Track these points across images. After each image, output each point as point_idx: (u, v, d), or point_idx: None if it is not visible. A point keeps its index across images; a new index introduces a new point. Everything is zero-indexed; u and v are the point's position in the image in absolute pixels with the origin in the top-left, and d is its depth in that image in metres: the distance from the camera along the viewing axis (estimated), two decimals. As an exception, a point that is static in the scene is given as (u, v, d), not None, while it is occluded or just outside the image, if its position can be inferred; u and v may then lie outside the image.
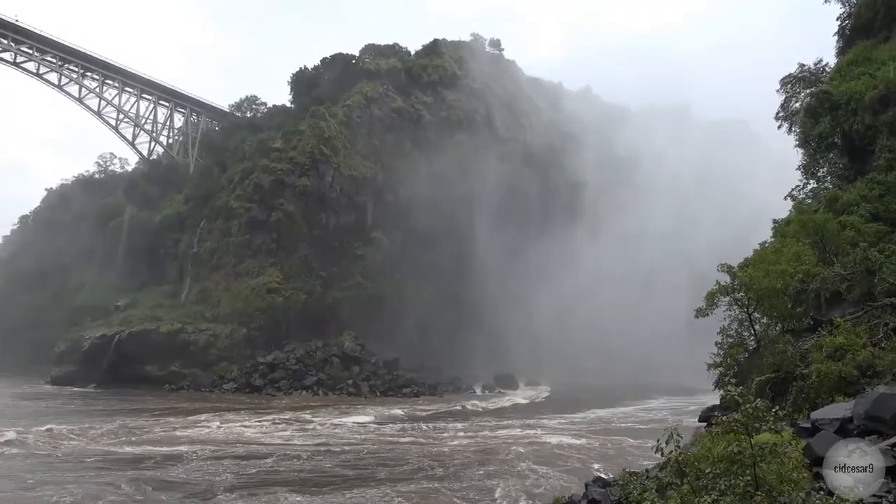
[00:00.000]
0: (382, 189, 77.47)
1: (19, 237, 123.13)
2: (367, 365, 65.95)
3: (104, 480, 21.64)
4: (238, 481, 22.24)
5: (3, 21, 77.26)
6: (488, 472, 24.80)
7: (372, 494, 21.37)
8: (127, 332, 65.39)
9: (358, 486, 22.36)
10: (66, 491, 19.98)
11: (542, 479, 23.45)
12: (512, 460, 27.29)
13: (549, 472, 24.68)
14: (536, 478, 23.67)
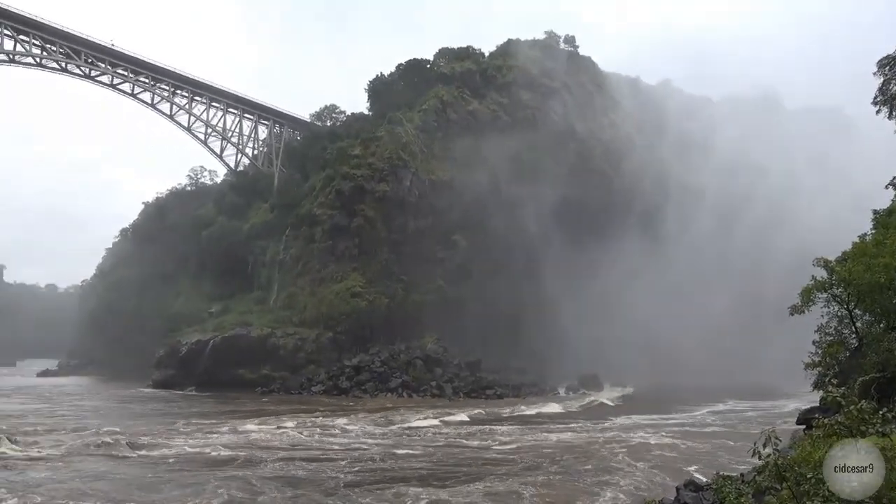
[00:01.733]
0: (460, 192, 77.71)
1: (120, 249, 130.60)
2: (450, 367, 66.36)
3: (231, 478, 22.31)
4: (356, 478, 22.68)
5: (100, 46, 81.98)
6: (591, 470, 24.86)
7: (497, 487, 21.76)
8: (220, 336, 68.23)
9: (477, 481, 22.66)
10: (202, 489, 20.61)
11: (637, 479, 23.15)
12: (607, 459, 27.10)
13: (642, 472, 24.35)
14: (633, 477, 23.34)
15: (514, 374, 66.64)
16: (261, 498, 19.86)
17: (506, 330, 71.21)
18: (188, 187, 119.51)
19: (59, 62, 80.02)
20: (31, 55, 77.56)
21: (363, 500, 20.16)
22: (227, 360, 65.69)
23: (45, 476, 21.95)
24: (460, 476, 23.72)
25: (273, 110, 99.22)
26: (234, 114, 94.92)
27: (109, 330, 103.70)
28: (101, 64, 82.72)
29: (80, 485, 20.84)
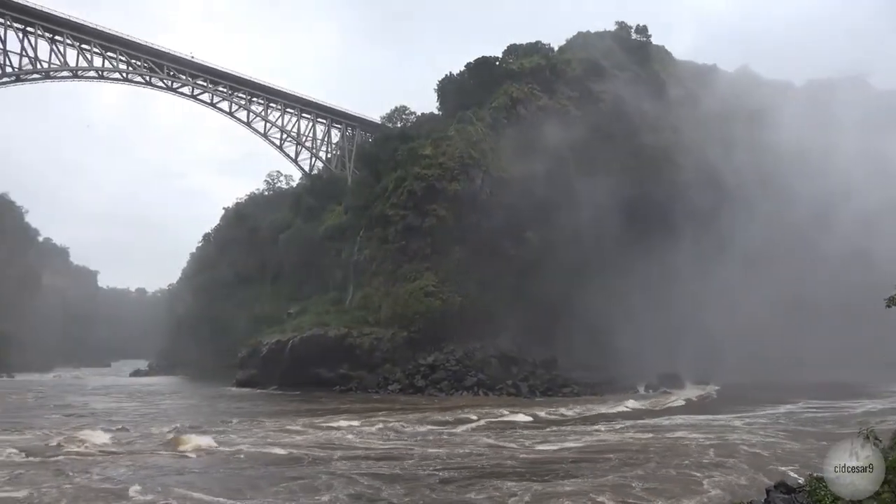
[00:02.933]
0: (531, 188, 76.86)
1: (203, 253, 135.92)
2: (526, 365, 65.82)
3: (334, 474, 22.53)
4: (449, 475, 22.59)
5: (181, 59, 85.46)
6: (686, 467, 24.40)
7: (600, 481, 21.63)
8: (299, 337, 69.85)
9: (575, 477, 22.45)
10: (313, 486, 20.92)
11: (730, 477, 22.40)
12: (697, 457, 26.33)
13: (733, 470, 23.53)
14: (726, 475, 22.59)
15: (590, 373, 65.41)
16: (384, 493, 19.96)
17: (579, 327, 70.01)
18: (266, 192, 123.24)
19: (144, 76, 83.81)
20: (118, 70, 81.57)
21: (467, 495, 20.12)
22: (306, 359, 67.19)
23: (145, 472, 22.62)
24: (557, 472, 23.47)
25: (345, 114, 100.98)
26: (308, 118, 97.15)
27: (195, 331, 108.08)
28: (181, 76, 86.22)
29: (182, 480, 21.36)
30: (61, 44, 75.58)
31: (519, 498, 19.81)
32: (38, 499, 18.46)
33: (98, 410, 46.09)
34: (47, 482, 20.22)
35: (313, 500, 19.27)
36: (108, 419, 39.12)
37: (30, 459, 24.13)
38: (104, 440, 28.84)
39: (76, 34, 76.64)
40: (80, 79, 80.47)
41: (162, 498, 18.80)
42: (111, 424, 35.40)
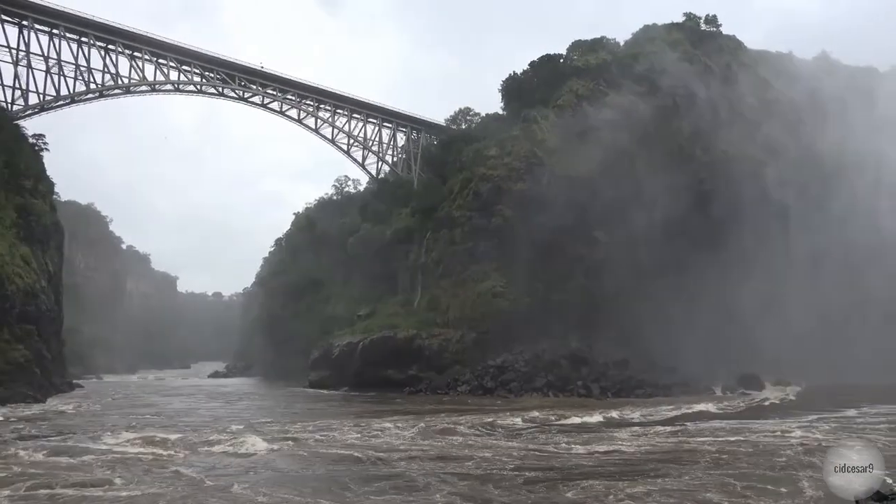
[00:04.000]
0: (599, 187, 75.58)
1: (276, 258, 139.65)
2: (596, 366, 64.80)
3: (427, 473, 22.64)
4: (533, 475, 22.41)
5: (252, 69, 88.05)
6: (776, 467, 23.71)
7: (691, 482, 21.27)
8: (369, 339, 70.77)
9: (667, 476, 22.07)
10: (412, 485, 21.00)
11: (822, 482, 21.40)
12: (786, 459, 25.40)
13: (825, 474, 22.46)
14: (818, 479, 21.57)
15: (664, 374, 63.80)
16: (481, 493, 19.98)
17: (650, 327, 68.32)
18: (334, 197, 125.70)
19: (217, 87, 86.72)
20: (192, 83, 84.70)
21: (563, 494, 19.92)
22: (376, 361, 68.02)
23: (238, 471, 23.13)
24: (646, 472, 22.99)
25: (410, 117, 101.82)
26: (374, 123, 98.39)
27: (269, 334, 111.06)
28: (252, 86, 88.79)
29: (276, 479, 21.75)
30: (140, 59, 79.02)
31: (614, 496, 19.53)
32: (149, 497, 19.01)
33: (181, 410, 47.83)
34: (156, 481, 20.77)
35: (422, 499, 19.31)
36: (192, 419, 40.50)
37: (126, 458, 25.08)
38: (192, 439, 29.83)
39: (154, 50, 79.97)
40: (158, 92, 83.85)
41: (265, 496, 19.16)
42: (197, 424, 36.65)
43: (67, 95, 73.64)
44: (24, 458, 24.37)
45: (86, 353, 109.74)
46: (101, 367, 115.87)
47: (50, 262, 68.62)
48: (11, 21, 71.28)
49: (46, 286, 65.01)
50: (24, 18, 71.37)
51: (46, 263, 67.20)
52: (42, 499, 18.58)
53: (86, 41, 75.02)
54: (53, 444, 27.76)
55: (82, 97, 75.38)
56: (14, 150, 65.37)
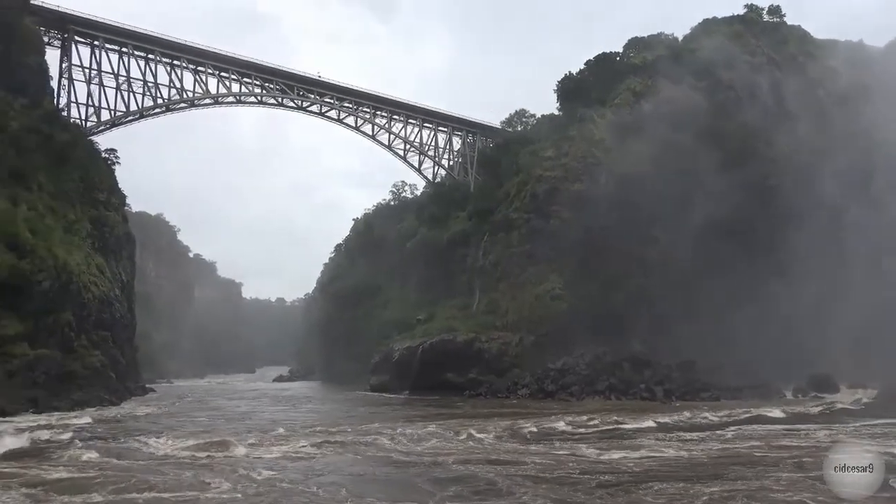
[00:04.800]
0: (657, 185, 74.21)
1: (335, 263, 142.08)
2: (660, 368, 63.54)
3: (504, 475, 22.50)
4: (608, 478, 22.17)
5: (310, 79, 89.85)
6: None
7: (766, 485, 20.83)
8: (428, 342, 71.11)
9: (747, 479, 21.68)
10: (495, 488, 20.91)
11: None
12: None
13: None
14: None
15: (731, 376, 61.92)
16: (561, 497, 19.76)
17: (715, 328, 66.63)
18: (392, 202, 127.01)
19: (276, 98, 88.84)
20: (253, 94, 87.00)
21: (642, 497, 19.69)
22: (436, 364, 68.26)
23: (314, 473, 23.31)
24: (723, 475, 22.42)
25: (465, 120, 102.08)
26: (429, 127, 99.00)
27: (330, 338, 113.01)
28: (311, 95, 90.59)
29: (352, 482, 21.86)
30: (203, 73, 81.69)
31: (696, 498, 19.20)
32: (233, 500, 19.47)
33: (247, 413, 48.97)
34: (232, 484, 21.06)
35: (514, 503, 19.35)
36: (259, 422, 41.41)
37: (199, 461, 25.80)
38: (259, 442, 30.48)
39: (217, 63, 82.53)
40: (221, 104, 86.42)
41: (351, 499, 19.38)
42: (263, 427, 37.48)
43: (137, 111, 76.66)
44: (105, 461, 25.18)
45: (156, 358, 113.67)
46: (170, 372, 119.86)
47: (123, 271, 71.54)
48: (84, 42, 74.71)
49: (120, 294, 67.77)
50: (95, 39, 74.73)
51: (119, 272, 70.10)
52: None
53: (153, 58, 78.01)
54: (132, 447, 28.73)
55: (150, 112, 78.32)
56: (88, 164, 68.54)
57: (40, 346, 49.47)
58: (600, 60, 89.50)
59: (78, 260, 58.39)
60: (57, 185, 61.66)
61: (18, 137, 58.15)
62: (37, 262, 50.81)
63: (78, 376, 52.75)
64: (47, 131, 62.74)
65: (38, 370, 47.93)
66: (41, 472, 22.36)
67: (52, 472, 22.43)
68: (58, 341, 52.15)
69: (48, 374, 48.62)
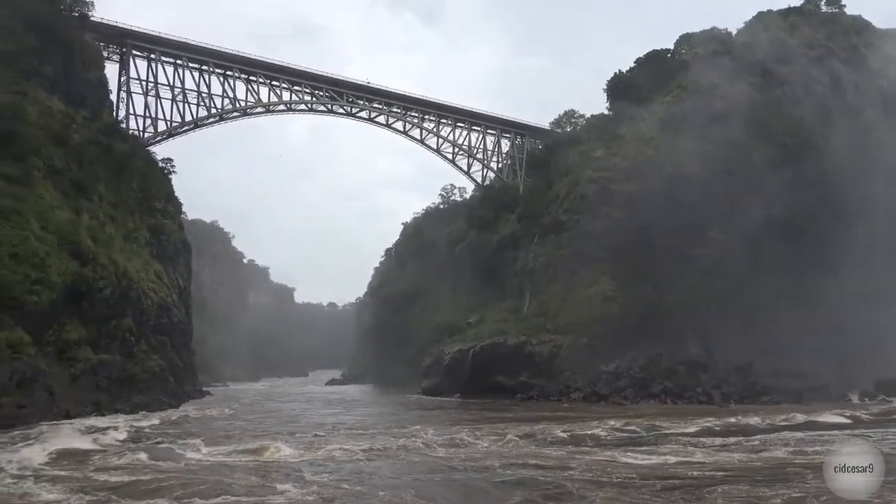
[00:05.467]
0: (711, 183, 72.39)
1: (386, 267, 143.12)
2: (717, 371, 62.01)
3: (566, 480, 22.24)
4: (669, 483, 21.69)
5: (358, 85, 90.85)
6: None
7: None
8: (479, 345, 70.87)
9: (813, 482, 20.91)
10: (546, 494, 20.65)
11: None
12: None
13: None
14: None
15: (791, 379, 59.79)
16: (640, 501, 19.59)
17: (773, 330, 64.57)
18: (441, 206, 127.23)
19: (326, 105, 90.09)
20: (303, 102, 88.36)
21: (714, 501, 19.38)
22: (487, 367, 67.94)
23: (376, 476, 23.38)
24: (789, 477, 21.90)
25: (513, 122, 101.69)
26: (477, 130, 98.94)
27: (381, 342, 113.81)
28: (359, 101, 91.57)
29: (416, 485, 21.75)
30: (255, 83, 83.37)
31: (766, 500, 18.76)
32: (300, 501, 19.60)
33: (302, 416, 49.51)
34: (300, 485, 21.26)
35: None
36: (314, 425, 41.77)
37: (260, 463, 26.14)
38: (316, 444, 30.73)
39: (268, 73, 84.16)
40: (272, 113, 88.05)
41: (415, 502, 19.38)
42: (318, 429, 37.82)
43: (191, 121, 78.68)
44: (169, 464, 25.63)
45: (212, 362, 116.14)
46: (226, 376, 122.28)
47: (180, 278, 73.45)
48: (141, 55, 77.10)
49: (177, 300, 69.57)
50: (152, 52, 77.03)
51: (177, 279, 72.00)
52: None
53: (206, 69, 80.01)
54: (193, 449, 29.11)
55: (204, 122, 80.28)
56: (146, 174, 70.68)
57: (102, 350, 51.05)
58: (650, 58, 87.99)
59: (137, 267, 60.15)
60: (116, 194, 63.69)
61: (80, 150, 60.21)
62: (98, 270, 52.49)
63: (138, 380, 54.30)
64: (107, 143, 64.84)
65: (101, 374, 49.45)
66: (107, 475, 22.83)
67: (115, 474, 22.94)
68: (119, 346, 53.78)
69: (110, 378, 50.13)
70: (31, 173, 51.15)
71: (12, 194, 47.49)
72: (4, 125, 50.78)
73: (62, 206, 53.71)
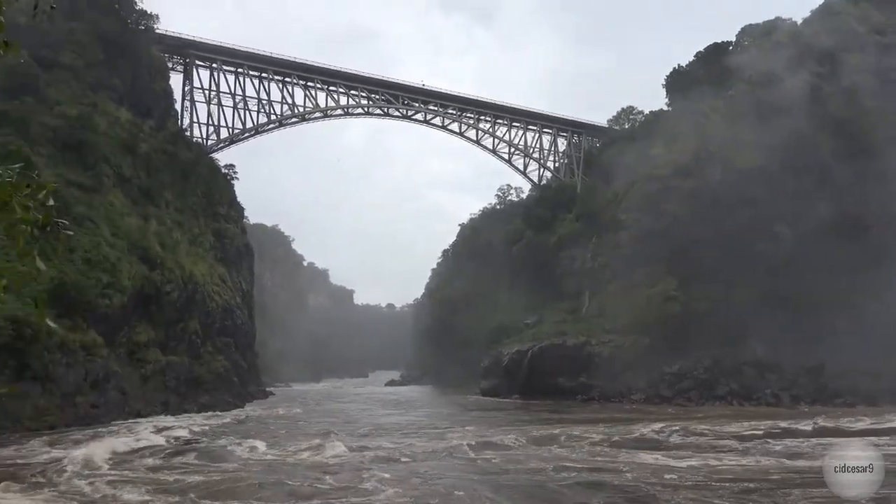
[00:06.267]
0: (779, 178, 69.85)
1: (443, 268, 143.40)
2: (786, 372, 59.88)
3: (635, 483, 21.99)
4: (747, 486, 21.17)
5: (413, 87, 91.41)
6: None
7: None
8: (538, 346, 70.39)
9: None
10: (631, 498, 20.43)
11: None
12: None
13: None
14: None
15: (866, 381, 57.24)
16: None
17: (844, 329, 61.68)
18: (497, 206, 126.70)
19: (382, 108, 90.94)
20: (360, 106, 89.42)
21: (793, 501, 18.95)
22: (545, 368, 67.42)
23: (446, 476, 23.40)
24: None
25: (569, 121, 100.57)
26: (534, 130, 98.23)
27: (439, 343, 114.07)
28: (415, 104, 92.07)
29: (486, 483, 21.90)
30: (313, 88, 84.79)
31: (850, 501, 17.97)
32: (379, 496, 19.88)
33: (365, 417, 49.98)
34: (389, 484, 21.42)
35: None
36: (376, 426, 42.11)
37: (344, 461, 26.50)
38: (380, 445, 31.02)
39: (325, 78, 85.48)
40: (330, 118, 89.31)
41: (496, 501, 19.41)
42: (382, 431, 38.19)
43: (252, 127, 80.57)
44: (250, 463, 26.09)
45: (273, 363, 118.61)
46: (287, 376, 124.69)
47: (243, 281, 75.31)
48: (204, 65, 79.40)
49: (241, 302, 71.34)
50: (213, 62, 79.24)
51: (240, 282, 73.85)
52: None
53: (266, 76, 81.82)
54: (271, 449, 29.71)
55: (265, 128, 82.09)
56: (210, 180, 72.81)
57: (170, 352, 52.79)
58: (711, 51, 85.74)
59: (202, 271, 61.93)
60: (182, 200, 65.82)
61: (147, 158, 62.47)
62: (166, 274, 54.32)
63: (204, 381, 55.89)
64: (172, 151, 67.11)
65: (169, 375, 51.12)
66: (184, 475, 23.37)
67: (200, 473, 23.46)
68: (186, 348, 55.50)
69: (178, 379, 51.78)
70: (101, 181, 53.39)
71: (85, 202, 49.59)
72: (76, 136, 53.14)
73: (131, 212, 55.83)
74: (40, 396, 36.42)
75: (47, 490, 20.62)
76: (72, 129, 53.36)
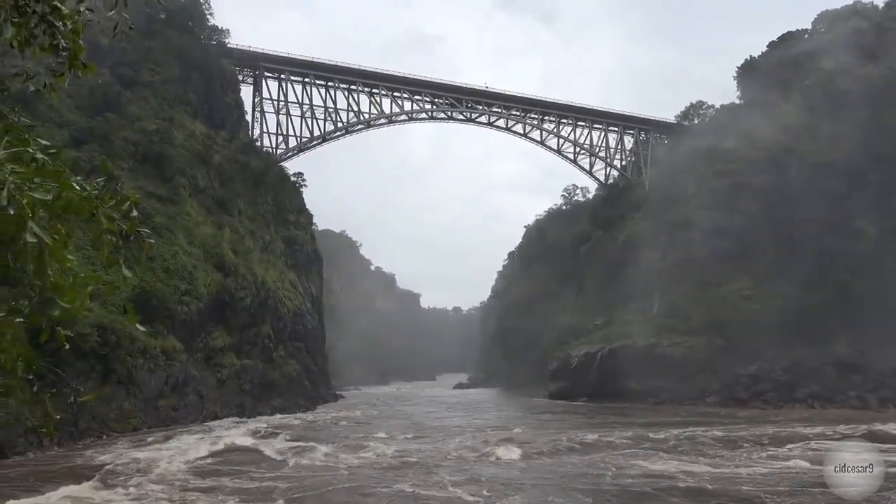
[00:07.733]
0: (860, 173, 66.65)
1: (509, 270, 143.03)
2: (871, 374, 57.00)
3: (699, 489, 21.62)
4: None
5: (477, 90, 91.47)
6: None
7: None
8: (607, 348, 69.24)
9: None
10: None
11: None
12: None
13: None
14: None
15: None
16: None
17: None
18: (563, 207, 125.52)
19: (446, 112, 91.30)
20: (424, 111, 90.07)
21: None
22: (615, 370, 66.19)
23: (501, 480, 23.35)
24: None
25: (636, 118, 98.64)
26: (599, 128, 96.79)
27: (506, 345, 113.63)
28: (478, 107, 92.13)
29: (552, 485, 21.91)
30: (377, 95, 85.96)
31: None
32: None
33: (434, 420, 50.17)
34: (454, 485, 21.78)
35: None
36: (445, 428, 42.21)
37: (402, 462, 26.89)
38: (450, 448, 31.13)
39: (389, 84, 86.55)
40: (394, 123, 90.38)
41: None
42: (451, 433, 38.27)
43: (319, 136, 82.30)
44: (333, 466, 26.58)
45: (342, 366, 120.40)
46: (356, 379, 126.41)
47: (312, 286, 76.95)
48: (272, 76, 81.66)
49: (311, 307, 72.91)
50: (281, 73, 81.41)
51: (310, 287, 75.49)
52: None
53: (332, 85, 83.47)
54: (352, 451, 30.17)
55: (331, 135, 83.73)
56: (280, 188, 74.78)
57: (245, 356, 54.41)
58: (785, 39, 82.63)
59: (274, 277, 63.62)
60: (254, 208, 67.82)
61: (221, 168, 64.64)
62: (239, 280, 56.05)
63: (277, 384, 57.37)
64: (244, 160, 69.22)
65: (244, 378, 52.71)
66: (274, 482, 23.63)
67: (282, 479, 23.74)
68: (259, 352, 57.09)
69: (252, 382, 53.34)
70: (178, 192, 55.57)
71: (164, 212, 51.69)
72: (155, 149, 55.53)
73: (206, 221, 57.87)
74: (124, 400, 38.13)
75: (132, 489, 21.49)
76: (151, 143, 55.85)
